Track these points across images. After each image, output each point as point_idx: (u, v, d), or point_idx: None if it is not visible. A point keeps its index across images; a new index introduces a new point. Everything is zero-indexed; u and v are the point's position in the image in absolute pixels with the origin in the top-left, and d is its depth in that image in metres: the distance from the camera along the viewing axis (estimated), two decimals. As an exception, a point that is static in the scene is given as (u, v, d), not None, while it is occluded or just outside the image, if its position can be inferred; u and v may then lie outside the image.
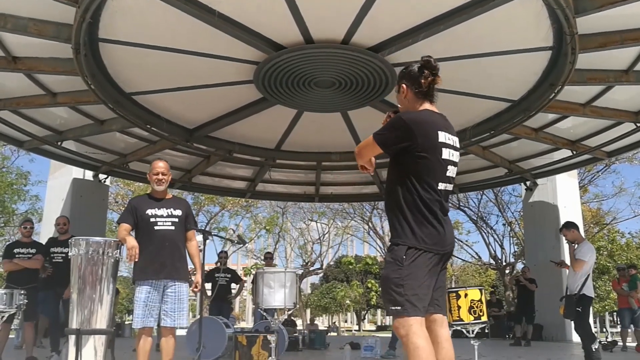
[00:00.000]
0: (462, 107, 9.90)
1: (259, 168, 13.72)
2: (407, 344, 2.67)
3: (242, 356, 6.45)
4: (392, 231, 2.85)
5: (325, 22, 7.25)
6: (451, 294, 5.20)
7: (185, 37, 7.63)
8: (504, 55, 8.00)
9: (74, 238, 4.36)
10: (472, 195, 25.19)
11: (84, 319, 4.18)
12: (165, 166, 4.87)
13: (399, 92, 3.02)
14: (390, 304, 2.72)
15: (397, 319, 2.71)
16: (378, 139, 2.89)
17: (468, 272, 37.35)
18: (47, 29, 7.35)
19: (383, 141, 2.88)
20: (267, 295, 4.79)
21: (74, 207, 12.97)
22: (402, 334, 2.69)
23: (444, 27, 7.10)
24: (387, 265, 2.81)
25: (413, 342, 2.64)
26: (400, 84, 3.01)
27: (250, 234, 31.41)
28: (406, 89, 2.99)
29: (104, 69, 8.41)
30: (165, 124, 10.38)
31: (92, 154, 11.96)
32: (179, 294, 4.68)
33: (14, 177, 24.11)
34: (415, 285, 2.70)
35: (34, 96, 9.41)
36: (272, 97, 9.15)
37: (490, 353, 10.06)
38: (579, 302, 6.67)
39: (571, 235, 7.03)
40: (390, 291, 2.73)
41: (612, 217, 27.65)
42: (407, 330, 2.67)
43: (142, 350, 4.58)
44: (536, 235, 14.56)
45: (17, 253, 7.35)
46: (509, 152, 12.40)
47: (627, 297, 11.38)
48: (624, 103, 9.72)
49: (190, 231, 4.95)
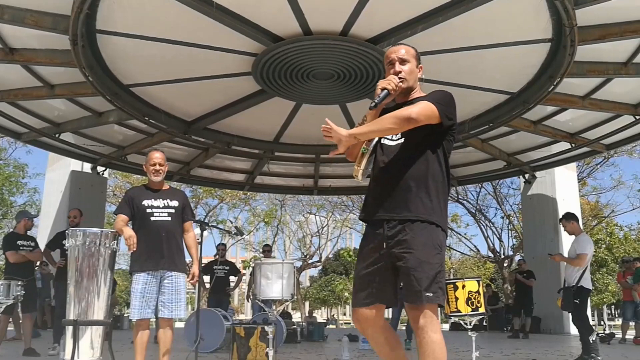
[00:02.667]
0: (460, 100, 9.78)
1: (258, 160, 13.71)
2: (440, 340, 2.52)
3: (240, 348, 6.46)
4: (417, 204, 2.62)
5: (324, 13, 7.23)
6: (449, 285, 5.19)
7: (183, 29, 7.60)
8: (503, 48, 7.98)
9: (70, 229, 4.35)
10: (471, 188, 25.15)
11: (81, 311, 4.18)
12: (161, 157, 4.85)
13: (417, 67, 2.85)
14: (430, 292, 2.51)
15: (430, 309, 2.53)
16: (441, 111, 2.65)
17: (466, 265, 37.39)
18: (44, 21, 7.33)
19: (446, 113, 2.68)
20: (264, 286, 4.79)
21: (72, 199, 12.96)
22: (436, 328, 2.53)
23: (442, 19, 7.08)
24: (428, 249, 2.58)
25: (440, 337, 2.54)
26: (419, 64, 2.88)
27: (248, 227, 31.40)
28: (421, 70, 2.91)
29: (101, 60, 8.37)
30: (163, 116, 10.36)
31: (90, 146, 11.94)
32: (176, 285, 4.67)
33: (11, 170, 24.05)
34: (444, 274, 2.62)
35: (31, 88, 9.39)
36: (271, 89, 9.13)
37: (488, 345, 10.09)
38: (577, 294, 6.68)
39: (570, 227, 7.04)
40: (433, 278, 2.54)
41: (610, 210, 27.64)
42: (433, 321, 2.53)
43: (139, 342, 4.57)
44: (535, 228, 14.58)
45: (20, 245, 7.39)
46: (507, 144, 12.40)
47: (630, 290, 11.40)
48: (623, 96, 9.71)
49: (188, 222, 4.94)
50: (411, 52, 2.85)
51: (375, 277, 2.66)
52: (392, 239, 2.62)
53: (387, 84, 2.70)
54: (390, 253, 2.63)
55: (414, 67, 2.83)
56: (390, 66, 2.83)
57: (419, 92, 2.88)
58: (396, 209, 2.65)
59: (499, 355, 8.00)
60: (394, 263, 2.63)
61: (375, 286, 2.66)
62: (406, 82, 2.79)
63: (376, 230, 2.69)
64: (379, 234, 2.67)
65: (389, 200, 2.67)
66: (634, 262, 11.98)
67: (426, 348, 2.50)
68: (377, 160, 2.79)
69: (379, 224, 2.68)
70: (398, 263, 2.60)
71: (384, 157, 2.75)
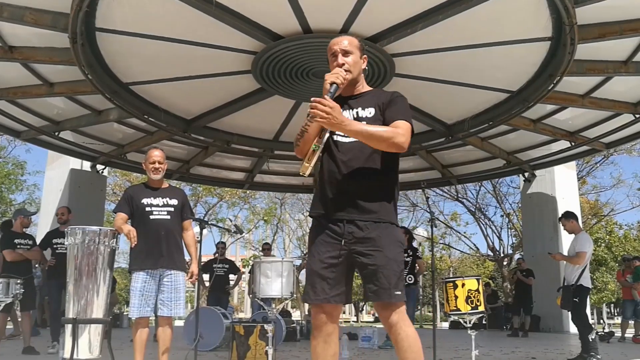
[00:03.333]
0: (460, 98, 9.89)
1: (257, 159, 13.70)
2: (414, 333, 2.57)
3: (240, 346, 6.46)
4: (380, 209, 2.64)
5: (324, 11, 7.21)
6: (448, 284, 5.20)
7: (183, 27, 7.59)
8: (503, 46, 7.97)
9: (70, 227, 4.35)
10: (470, 187, 25.19)
11: (80, 309, 4.17)
12: (161, 155, 4.84)
13: (360, 58, 2.81)
14: (398, 289, 2.56)
15: (400, 306, 2.58)
16: (411, 124, 2.68)
17: (466, 263, 37.41)
18: (43, 18, 7.31)
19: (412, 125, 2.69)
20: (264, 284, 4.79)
21: (71, 197, 12.96)
22: (408, 323, 2.57)
23: (442, 17, 7.07)
24: (395, 246, 2.63)
25: (414, 331, 2.58)
26: (363, 54, 2.84)
27: (248, 225, 31.41)
28: (365, 61, 2.87)
29: (101, 58, 8.36)
30: (162, 114, 10.35)
31: (90, 144, 11.92)
32: (175, 283, 4.67)
33: (10, 167, 24.06)
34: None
35: (30, 86, 9.37)
36: (270, 87, 9.12)
37: (488, 344, 10.10)
38: (576, 292, 6.69)
39: (570, 226, 7.05)
40: (400, 275, 2.60)
41: (610, 208, 27.67)
42: (405, 317, 2.59)
43: (139, 340, 4.58)
44: (534, 226, 14.58)
45: (17, 244, 7.39)
46: (507, 143, 12.39)
47: (630, 288, 11.41)
48: (623, 94, 9.70)
49: (187, 221, 4.94)
50: (354, 43, 2.81)
51: (334, 274, 2.65)
52: (354, 236, 2.61)
53: (335, 77, 2.66)
54: (351, 251, 2.62)
55: (358, 58, 2.80)
56: (334, 58, 2.78)
57: (363, 86, 2.87)
58: (356, 208, 2.63)
59: (499, 353, 8.01)
60: (353, 261, 2.63)
61: (334, 283, 2.65)
62: (351, 73, 2.76)
63: (334, 228, 2.66)
64: (337, 232, 2.65)
65: (349, 198, 2.65)
66: (633, 260, 11.98)
67: (403, 343, 2.55)
68: (331, 157, 2.73)
69: (337, 222, 2.66)
70: (363, 261, 2.59)
71: (341, 154, 2.70)
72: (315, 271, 2.67)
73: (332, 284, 2.64)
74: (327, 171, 2.73)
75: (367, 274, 2.59)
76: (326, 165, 2.74)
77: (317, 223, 2.75)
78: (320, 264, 2.65)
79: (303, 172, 2.68)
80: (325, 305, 2.66)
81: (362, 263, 2.60)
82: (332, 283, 2.64)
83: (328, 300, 2.64)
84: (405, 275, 9.10)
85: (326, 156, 2.74)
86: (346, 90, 2.79)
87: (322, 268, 2.65)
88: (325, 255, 2.65)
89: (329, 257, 2.64)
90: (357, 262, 2.62)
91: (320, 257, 2.66)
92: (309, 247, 2.79)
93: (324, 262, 2.65)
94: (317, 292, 2.64)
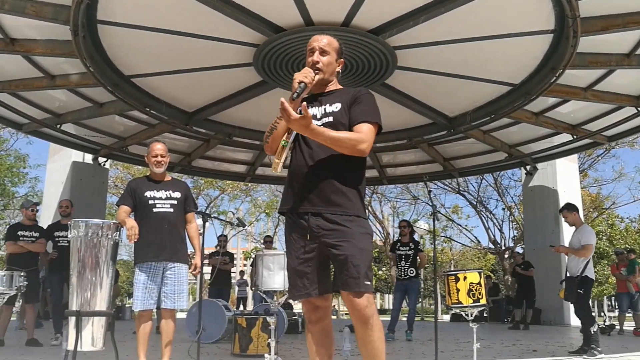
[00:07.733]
0: (462, 91, 9.87)
1: (259, 152, 13.70)
2: (378, 324, 2.61)
3: (242, 338, 6.48)
4: (347, 202, 2.66)
5: (326, 4, 7.20)
6: (450, 277, 5.20)
7: (185, 19, 7.58)
8: (505, 39, 7.95)
9: (73, 220, 4.35)
10: (472, 180, 25.19)
11: (83, 301, 4.18)
12: (163, 148, 4.85)
13: (336, 61, 2.89)
14: (368, 280, 2.58)
15: (369, 297, 2.60)
16: (379, 124, 2.75)
17: (467, 256, 37.47)
18: (45, 11, 7.29)
19: (380, 124, 2.76)
20: (266, 277, 4.79)
21: (73, 190, 12.96)
22: (372, 313, 2.59)
23: (444, 9, 7.05)
24: (364, 237, 2.66)
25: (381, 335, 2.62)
26: (339, 58, 2.91)
27: (250, 218, 31.46)
28: (341, 65, 2.93)
29: (102, 51, 8.36)
30: (164, 107, 10.35)
31: (91, 137, 11.92)
32: (178, 276, 4.69)
33: (12, 160, 24.08)
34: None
35: (32, 78, 9.36)
36: (272, 80, 9.11)
37: (489, 336, 10.12)
38: (581, 284, 6.69)
39: (571, 218, 7.05)
40: (369, 266, 2.63)
41: (611, 201, 27.68)
42: (374, 309, 2.62)
43: (142, 332, 4.60)
44: (535, 219, 14.57)
45: (21, 236, 7.38)
46: (509, 136, 12.37)
47: (625, 281, 11.43)
48: (625, 87, 9.67)
49: (190, 213, 4.94)
50: (334, 45, 2.88)
51: (311, 268, 2.70)
52: (322, 228, 2.65)
53: (303, 77, 2.73)
54: (322, 243, 2.65)
55: (333, 60, 2.86)
56: (310, 53, 2.85)
57: (335, 85, 2.92)
58: (323, 200, 2.67)
59: (500, 346, 8.03)
60: (327, 253, 2.67)
61: (313, 277, 2.71)
62: (322, 73, 2.82)
63: (300, 222, 2.71)
64: (304, 226, 2.69)
65: (315, 191, 2.68)
66: (627, 253, 12.01)
67: (372, 332, 2.58)
68: (299, 153, 2.78)
69: (303, 215, 2.70)
70: (333, 252, 2.63)
71: (309, 150, 2.74)
72: (293, 268, 2.74)
73: (310, 278, 2.71)
74: (294, 166, 2.80)
75: (337, 264, 2.64)
76: (294, 161, 2.80)
77: (288, 220, 2.80)
78: (296, 261, 2.73)
79: (274, 169, 2.77)
80: (310, 300, 2.74)
81: (332, 254, 2.65)
82: (310, 277, 2.71)
83: (310, 294, 2.71)
84: (407, 268, 9.13)
85: (294, 151, 2.81)
86: (317, 88, 2.87)
87: (299, 264, 2.72)
88: (300, 252, 2.72)
89: (303, 253, 2.71)
90: (329, 254, 2.67)
91: (296, 253, 2.73)
92: (285, 245, 2.87)
93: (299, 258, 2.72)
94: (299, 288, 2.73)
